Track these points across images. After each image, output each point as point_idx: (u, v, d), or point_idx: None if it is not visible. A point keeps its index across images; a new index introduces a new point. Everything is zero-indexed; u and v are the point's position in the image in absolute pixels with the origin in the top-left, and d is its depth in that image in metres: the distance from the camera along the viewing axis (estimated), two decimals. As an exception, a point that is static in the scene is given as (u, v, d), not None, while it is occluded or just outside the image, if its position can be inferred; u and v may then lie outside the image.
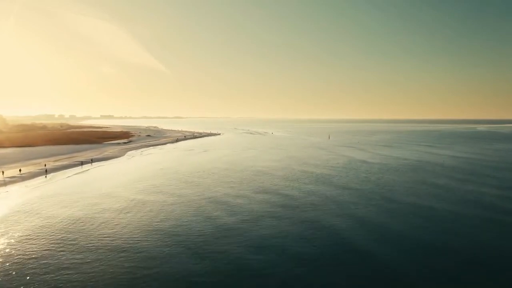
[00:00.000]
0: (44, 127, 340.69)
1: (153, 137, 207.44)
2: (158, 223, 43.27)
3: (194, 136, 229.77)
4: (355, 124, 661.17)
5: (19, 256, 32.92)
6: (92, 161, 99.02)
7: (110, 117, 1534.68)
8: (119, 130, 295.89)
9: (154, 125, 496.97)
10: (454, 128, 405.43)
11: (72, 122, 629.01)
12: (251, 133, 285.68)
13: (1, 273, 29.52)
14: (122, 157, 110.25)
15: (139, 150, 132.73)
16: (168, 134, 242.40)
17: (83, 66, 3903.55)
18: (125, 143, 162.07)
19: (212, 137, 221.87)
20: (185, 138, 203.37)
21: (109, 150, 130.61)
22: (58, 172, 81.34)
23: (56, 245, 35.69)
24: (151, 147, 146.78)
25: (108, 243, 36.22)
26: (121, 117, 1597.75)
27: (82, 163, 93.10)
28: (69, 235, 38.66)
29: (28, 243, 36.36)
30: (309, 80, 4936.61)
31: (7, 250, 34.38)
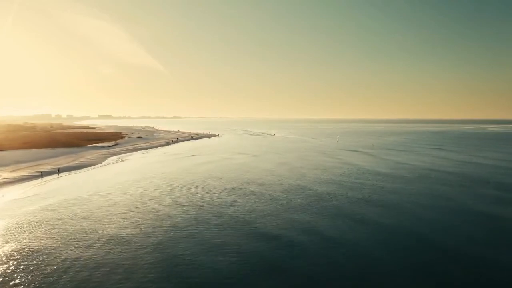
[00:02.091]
0: (33, 127, 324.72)
1: (144, 139, 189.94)
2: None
3: (192, 137, 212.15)
4: (358, 124, 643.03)
5: None
6: (59, 171, 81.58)
7: (108, 117, 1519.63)
8: (111, 131, 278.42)
9: (151, 125, 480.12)
10: (463, 129, 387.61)
11: (68, 122, 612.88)
12: (251, 134, 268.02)
13: None
14: (97, 165, 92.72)
15: (122, 155, 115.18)
16: (162, 136, 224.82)
17: (82, 66, 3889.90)
18: (109, 146, 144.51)
19: (209, 139, 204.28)
20: (178, 140, 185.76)
21: (87, 155, 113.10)
22: (7, 188, 63.86)
23: None
24: (138, 151, 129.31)
25: None
26: (119, 117, 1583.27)
27: (42, 175, 75.46)
28: None
29: None
30: (309, 80, 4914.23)
31: None
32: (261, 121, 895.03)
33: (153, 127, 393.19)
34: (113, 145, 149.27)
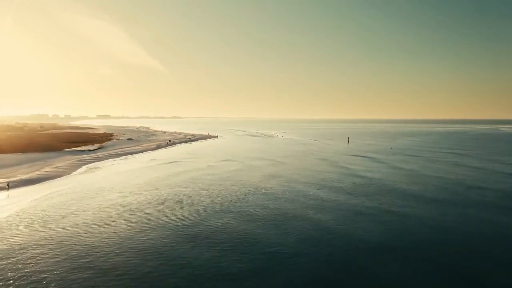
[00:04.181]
0: (22, 128, 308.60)
1: (134, 141, 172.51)
2: None
3: (189, 139, 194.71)
4: (360, 124, 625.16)
5: None
6: (8, 186, 64.20)
7: (106, 117, 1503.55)
8: (101, 132, 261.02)
9: (148, 125, 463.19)
10: (475, 129, 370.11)
11: (64, 122, 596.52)
12: (250, 135, 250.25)
13: None
14: (61, 177, 75.18)
15: (98, 163, 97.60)
16: (155, 137, 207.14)
17: (82, 66, 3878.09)
18: (91, 150, 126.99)
19: (206, 141, 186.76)
20: (171, 143, 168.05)
21: (59, 162, 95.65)
22: None
23: None
24: (121, 157, 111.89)
25: None
26: (118, 117, 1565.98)
27: (-22, 193, 58.04)
28: None
29: None
30: (309, 80, 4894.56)
31: None
32: (261, 121, 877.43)
33: (148, 128, 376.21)
34: (95, 149, 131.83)
